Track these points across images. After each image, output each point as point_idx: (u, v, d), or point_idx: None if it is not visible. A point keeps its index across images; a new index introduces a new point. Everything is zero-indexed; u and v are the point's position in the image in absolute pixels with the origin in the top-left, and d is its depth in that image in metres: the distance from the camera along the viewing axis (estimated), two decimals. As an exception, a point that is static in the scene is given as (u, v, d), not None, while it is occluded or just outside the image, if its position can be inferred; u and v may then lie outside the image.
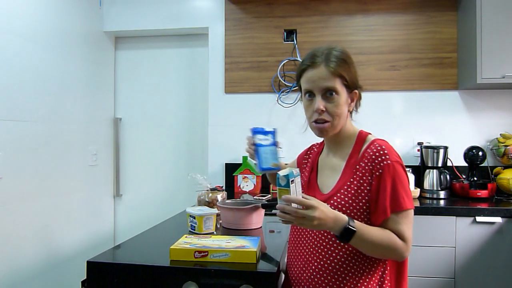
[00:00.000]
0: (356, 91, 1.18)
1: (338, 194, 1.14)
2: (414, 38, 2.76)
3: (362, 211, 1.11)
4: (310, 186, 1.26)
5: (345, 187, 1.13)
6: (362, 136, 1.19)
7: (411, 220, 1.09)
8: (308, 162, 1.34)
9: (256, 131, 1.36)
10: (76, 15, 2.70)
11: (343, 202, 1.12)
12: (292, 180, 1.02)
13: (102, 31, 3.05)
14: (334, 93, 1.14)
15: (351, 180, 1.13)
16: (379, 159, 1.09)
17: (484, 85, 2.49)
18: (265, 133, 1.36)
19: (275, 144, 1.35)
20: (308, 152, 1.38)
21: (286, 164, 1.50)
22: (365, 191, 1.11)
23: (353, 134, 1.21)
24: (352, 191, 1.12)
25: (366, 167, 1.11)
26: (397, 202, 1.07)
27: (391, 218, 1.07)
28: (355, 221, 1.05)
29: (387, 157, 1.09)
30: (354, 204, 1.11)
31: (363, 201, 1.11)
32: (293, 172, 1.03)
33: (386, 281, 1.14)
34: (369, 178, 1.10)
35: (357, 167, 1.13)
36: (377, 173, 1.09)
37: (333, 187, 1.17)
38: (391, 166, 1.08)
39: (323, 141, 1.31)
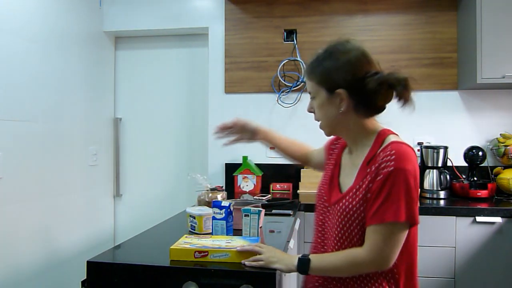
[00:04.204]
0: (339, 90, 1.08)
1: (347, 197, 1.11)
2: (414, 38, 2.76)
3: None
4: (332, 183, 1.21)
5: (354, 191, 1.09)
6: (381, 136, 1.11)
7: (391, 234, 1.01)
8: (334, 155, 1.29)
9: (214, 205, 1.50)
10: (76, 15, 2.70)
11: (351, 205, 1.08)
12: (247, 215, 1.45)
13: (102, 31, 3.05)
14: (313, 96, 1.16)
15: (360, 183, 1.08)
16: (384, 164, 1.02)
17: (484, 85, 2.49)
18: (220, 207, 1.49)
19: (226, 219, 1.48)
20: (335, 143, 1.32)
21: (315, 149, 1.51)
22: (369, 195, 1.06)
23: (371, 133, 1.13)
24: (360, 195, 1.07)
25: (374, 172, 1.05)
26: (380, 212, 1.01)
27: (371, 227, 1.03)
28: (310, 254, 1.14)
29: (392, 163, 1.01)
30: (361, 208, 1.07)
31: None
32: (251, 210, 1.45)
33: (394, 281, 1.10)
34: (372, 183, 1.05)
35: (368, 170, 1.07)
36: (377, 178, 1.03)
37: (347, 188, 1.13)
38: (393, 172, 1.01)
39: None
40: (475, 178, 2.52)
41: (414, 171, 1.02)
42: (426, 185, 2.51)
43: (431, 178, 2.50)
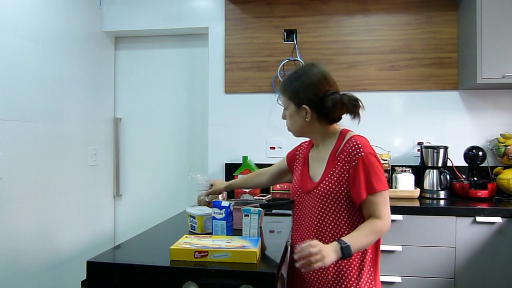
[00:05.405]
0: (305, 106, 1.35)
1: (324, 181, 1.35)
2: (414, 38, 2.76)
3: (343, 194, 1.32)
4: (303, 177, 1.45)
5: (329, 176, 1.35)
6: (342, 134, 1.40)
7: (386, 199, 1.30)
8: (300, 157, 1.55)
9: (214, 205, 1.51)
10: (76, 15, 2.70)
11: (328, 187, 1.34)
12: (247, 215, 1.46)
13: (102, 31, 3.05)
14: (285, 108, 1.44)
15: (333, 169, 1.35)
16: (355, 152, 1.31)
17: (484, 85, 2.49)
18: (220, 207, 1.50)
19: (226, 219, 1.49)
20: (299, 149, 1.59)
21: (273, 166, 1.76)
22: (345, 178, 1.32)
23: (335, 133, 1.42)
24: (335, 179, 1.33)
25: (345, 159, 1.33)
26: (370, 186, 1.28)
27: (367, 200, 1.28)
28: (344, 237, 1.22)
29: (361, 150, 1.30)
30: (337, 189, 1.33)
31: (344, 186, 1.32)
32: (251, 210, 1.46)
33: (367, 257, 1.35)
34: (347, 167, 1.32)
35: (338, 159, 1.35)
36: (353, 164, 1.30)
37: (320, 176, 1.38)
38: (365, 157, 1.29)
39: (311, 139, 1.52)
40: (475, 178, 2.51)
41: (375, 153, 1.34)
42: (426, 185, 2.51)
43: (431, 178, 2.50)
